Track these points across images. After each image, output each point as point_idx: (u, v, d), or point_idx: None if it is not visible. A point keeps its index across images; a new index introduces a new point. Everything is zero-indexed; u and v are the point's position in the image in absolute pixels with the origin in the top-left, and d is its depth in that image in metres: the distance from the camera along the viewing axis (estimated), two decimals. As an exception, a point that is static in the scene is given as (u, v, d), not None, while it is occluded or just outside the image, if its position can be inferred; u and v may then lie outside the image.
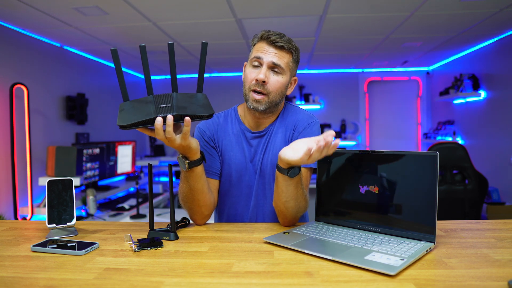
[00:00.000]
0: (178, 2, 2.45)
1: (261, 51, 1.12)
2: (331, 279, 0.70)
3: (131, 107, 0.94)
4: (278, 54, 1.12)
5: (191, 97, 0.97)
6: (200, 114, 0.92)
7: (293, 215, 1.08)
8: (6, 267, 0.78)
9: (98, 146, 3.34)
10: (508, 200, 3.41)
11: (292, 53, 1.15)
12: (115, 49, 0.91)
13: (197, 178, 1.04)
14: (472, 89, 3.86)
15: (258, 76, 1.10)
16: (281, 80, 1.14)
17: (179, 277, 0.72)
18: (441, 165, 2.74)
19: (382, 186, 0.96)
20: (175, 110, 0.91)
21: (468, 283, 0.67)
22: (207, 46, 0.95)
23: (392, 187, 0.95)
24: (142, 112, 0.91)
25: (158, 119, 0.89)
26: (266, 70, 1.11)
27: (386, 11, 2.71)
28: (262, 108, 1.14)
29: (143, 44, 0.93)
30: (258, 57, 1.12)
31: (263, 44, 1.13)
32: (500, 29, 3.22)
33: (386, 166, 0.97)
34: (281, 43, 1.11)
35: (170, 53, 0.93)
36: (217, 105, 5.12)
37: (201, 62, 0.96)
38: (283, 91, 1.17)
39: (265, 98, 1.13)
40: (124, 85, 0.96)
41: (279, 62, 1.12)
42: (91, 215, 2.77)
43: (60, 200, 1.02)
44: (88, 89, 3.93)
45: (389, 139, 5.45)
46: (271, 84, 1.12)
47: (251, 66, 1.15)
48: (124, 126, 0.90)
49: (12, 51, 2.88)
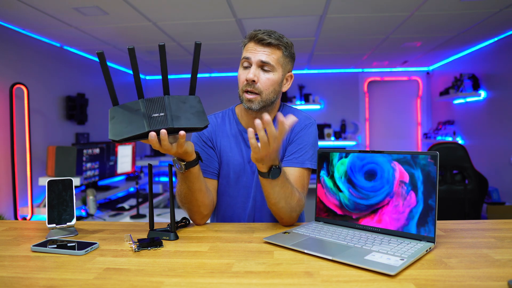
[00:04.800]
0: (178, 2, 2.45)
1: (249, 51, 1.12)
2: (331, 279, 0.70)
3: (122, 115, 0.91)
4: (266, 51, 1.11)
5: (185, 102, 0.95)
6: (194, 127, 0.90)
7: (287, 214, 1.07)
8: (6, 267, 0.78)
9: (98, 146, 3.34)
10: (508, 200, 3.41)
11: (282, 49, 1.13)
12: (102, 52, 0.88)
13: (195, 178, 1.04)
14: (472, 89, 3.86)
15: (247, 76, 1.10)
16: (272, 77, 1.12)
17: (179, 277, 0.72)
18: (441, 165, 2.74)
19: (381, 186, 0.96)
20: (168, 123, 0.89)
21: (468, 283, 0.67)
22: (200, 47, 0.93)
23: (392, 187, 0.95)
24: (134, 124, 0.89)
25: (152, 134, 0.87)
26: (255, 69, 1.11)
27: (386, 11, 2.71)
28: (256, 107, 1.13)
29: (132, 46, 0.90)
30: (247, 58, 1.12)
31: (251, 44, 1.13)
32: (500, 29, 3.22)
33: (386, 166, 0.97)
34: (268, 40, 1.10)
35: (161, 54, 0.91)
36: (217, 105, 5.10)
37: (194, 63, 0.94)
38: (277, 88, 1.15)
39: (258, 97, 1.12)
40: (113, 89, 0.92)
41: (268, 60, 1.10)
42: (91, 215, 2.77)
43: (60, 200, 1.02)
44: (88, 89, 3.93)
45: (389, 139, 5.45)
46: (262, 83, 1.11)
47: (241, 67, 1.15)
48: (116, 140, 0.87)
49: (12, 51, 2.88)
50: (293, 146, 1.18)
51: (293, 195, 1.05)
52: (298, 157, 1.16)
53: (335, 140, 5.13)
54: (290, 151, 1.18)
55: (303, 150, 1.16)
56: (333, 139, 5.11)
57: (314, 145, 1.19)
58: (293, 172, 1.14)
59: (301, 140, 1.18)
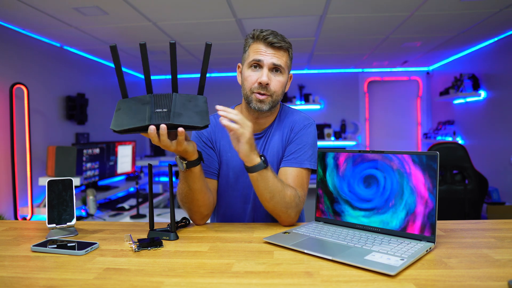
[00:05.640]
0: (178, 2, 2.45)
1: (259, 53, 1.11)
2: (331, 279, 0.70)
3: (128, 108, 0.92)
4: (277, 54, 1.12)
5: (190, 101, 0.96)
6: (194, 125, 0.91)
7: (283, 210, 1.07)
8: (6, 267, 0.78)
9: (98, 146, 3.34)
10: (508, 200, 3.41)
11: (288, 52, 1.16)
12: (115, 45, 0.89)
13: (196, 178, 1.04)
14: (472, 89, 3.86)
15: (261, 79, 1.10)
16: (282, 79, 1.14)
17: (179, 277, 0.72)
18: (441, 165, 2.74)
19: (381, 186, 0.96)
20: (169, 118, 0.89)
21: (468, 283, 0.67)
22: (211, 47, 0.94)
23: (392, 187, 0.95)
24: (137, 117, 0.90)
25: (151, 128, 0.88)
26: (268, 73, 1.11)
27: (386, 11, 2.71)
28: (266, 107, 1.14)
29: (144, 42, 0.91)
30: (258, 60, 1.11)
31: (259, 45, 1.12)
32: (500, 29, 3.22)
33: (386, 166, 0.97)
34: (279, 44, 1.11)
35: (171, 52, 0.92)
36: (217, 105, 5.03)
37: (204, 63, 0.95)
38: (284, 90, 1.18)
39: (269, 98, 1.13)
40: (123, 82, 0.94)
41: (279, 63, 1.12)
42: (91, 215, 2.77)
43: (60, 200, 1.02)
44: (88, 89, 3.93)
45: (389, 139, 5.45)
46: (274, 85, 1.13)
47: (250, 69, 1.14)
48: (116, 131, 0.89)
49: (12, 51, 2.88)
50: (292, 146, 1.18)
51: (285, 189, 1.06)
52: (297, 157, 1.16)
53: (335, 140, 5.13)
54: (289, 151, 1.18)
55: (302, 150, 1.17)
56: (333, 139, 5.11)
57: (313, 145, 1.19)
58: (291, 172, 1.15)
59: (300, 140, 1.18)
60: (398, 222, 0.93)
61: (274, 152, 1.21)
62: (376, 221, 0.96)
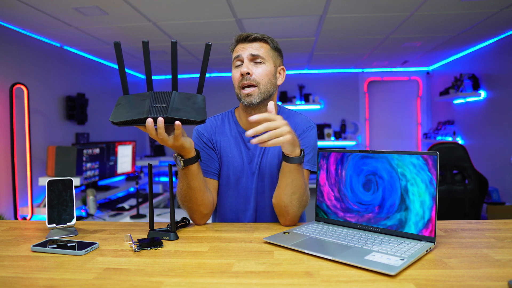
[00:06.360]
0: (178, 2, 2.45)
1: (238, 51, 1.19)
2: (331, 279, 0.70)
3: (128, 103, 0.95)
4: (254, 46, 1.17)
5: (189, 99, 0.97)
6: (191, 119, 0.92)
7: (295, 209, 1.08)
8: (6, 267, 0.78)
9: (98, 146, 3.34)
10: (508, 200, 3.41)
11: (268, 42, 1.20)
12: (119, 43, 0.92)
13: (194, 176, 1.05)
14: (472, 89, 3.86)
15: (241, 70, 1.15)
16: (265, 68, 1.17)
17: (179, 277, 0.72)
18: (441, 165, 2.74)
19: (381, 186, 0.96)
20: (167, 112, 0.91)
21: (468, 283, 0.67)
22: (210, 47, 0.96)
23: (392, 187, 0.95)
24: (135, 110, 0.92)
25: (149, 120, 0.89)
26: (248, 63, 1.16)
27: (386, 11, 2.71)
28: (255, 100, 1.16)
29: (146, 40, 0.94)
30: (237, 56, 1.18)
31: (238, 44, 1.21)
32: (500, 29, 3.22)
33: (386, 166, 0.97)
34: (253, 35, 1.18)
35: (172, 51, 0.94)
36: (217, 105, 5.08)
37: (203, 63, 0.97)
38: (272, 80, 1.19)
39: (256, 89, 1.16)
40: (125, 79, 0.97)
41: (257, 52, 1.16)
42: (91, 215, 2.77)
43: (60, 200, 1.02)
44: (88, 89, 3.93)
45: (389, 139, 5.45)
46: (257, 74, 1.16)
47: (234, 68, 1.21)
48: (115, 122, 0.91)
49: (12, 51, 2.88)
50: None
51: (306, 190, 1.11)
52: None
53: (335, 140, 5.13)
54: None
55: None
56: (333, 139, 5.11)
57: (313, 148, 1.22)
58: None
59: (302, 143, 1.19)
60: (398, 222, 0.93)
61: (275, 153, 1.21)
62: (376, 221, 0.96)
